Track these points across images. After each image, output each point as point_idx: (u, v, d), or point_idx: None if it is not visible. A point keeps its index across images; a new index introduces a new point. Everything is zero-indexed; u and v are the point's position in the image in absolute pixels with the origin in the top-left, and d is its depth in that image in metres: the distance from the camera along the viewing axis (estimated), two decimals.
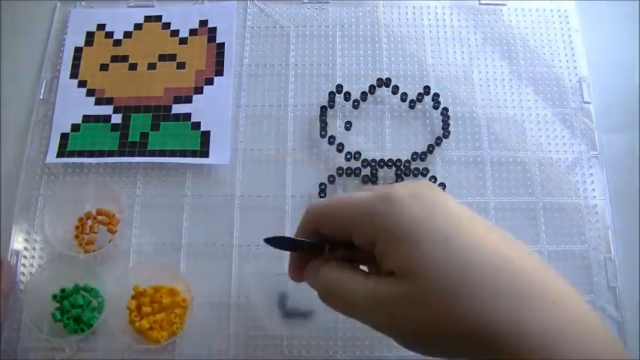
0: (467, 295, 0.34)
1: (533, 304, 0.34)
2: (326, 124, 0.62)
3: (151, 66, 0.65)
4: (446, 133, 0.61)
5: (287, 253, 0.57)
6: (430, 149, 0.60)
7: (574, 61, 0.65)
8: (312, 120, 0.62)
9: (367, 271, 0.40)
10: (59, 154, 0.61)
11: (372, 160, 0.60)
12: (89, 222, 0.58)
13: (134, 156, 0.61)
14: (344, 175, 0.60)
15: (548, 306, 0.34)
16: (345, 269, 0.39)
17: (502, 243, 0.36)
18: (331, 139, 0.61)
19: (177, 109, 0.63)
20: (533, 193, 0.59)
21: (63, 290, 0.55)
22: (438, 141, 0.61)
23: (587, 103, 0.63)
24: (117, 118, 0.63)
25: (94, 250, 0.57)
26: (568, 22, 0.66)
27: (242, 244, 0.58)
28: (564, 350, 0.33)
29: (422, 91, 0.62)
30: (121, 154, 0.61)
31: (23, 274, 0.57)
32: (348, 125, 0.61)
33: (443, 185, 0.59)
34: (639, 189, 0.60)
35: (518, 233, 0.58)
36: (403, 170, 0.59)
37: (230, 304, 0.56)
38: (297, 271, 0.43)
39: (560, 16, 0.66)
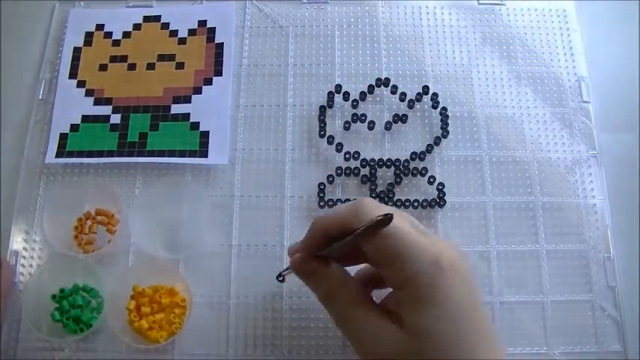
0: None
1: None
2: (325, 123, 0.62)
3: (150, 66, 0.65)
4: (445, 132, 0.61)
5: (287, 252, 0.57)
6: (429, 149, 0.60)
7: (573, 61, 0.65)
8: (311, 120, 0.62)
9: None
10: (58, 155, 0.61)
11: (371, 160, 0.60)
12: (88, 222, 0.58)
13: (133, 156, 0.61)
14: (343, 174, 0.60)
15: None
16: (360, 299, 0.45)
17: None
18: (330, 139, 0.61)
19: (177, 109, 0.63)
20: (532, 193, 0.59)
21: (62, 290, 0.55)
22: (437, 141, 0.61)
23: (586, 102, 0.63)
24: (116, 118, 0.63)
25: (93, 251, 0.57)
26: (567, 22, 0.66)
27: (241, 244, 0.58)
28: None
29: (421, 91, 0.63)
30: (120, 154, 0.61)
31: (22, 274, 0.57)
32: (347, 125, 0.61)
33: (442, 185, 0.59)
34: (638, 188, 0.60)
35: (516, 233, 0.58)
36: (402, 170, 0.59)
37: (229, 304, 0.56)
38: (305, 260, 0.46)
39: (559, 16, 0.66)
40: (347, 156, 0.60)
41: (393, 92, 0.63)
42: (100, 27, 0.68)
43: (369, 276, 0.49)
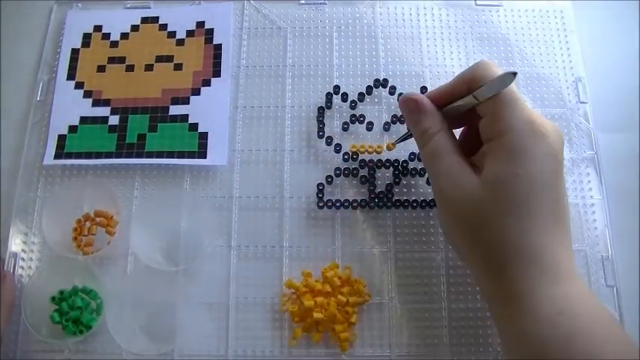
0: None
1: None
2: (323, 124, 0.62)
3: (148, 67, 0.65)
4: None
5: (286, 253, 0.57)
6: None
7: (570, 61, 0.65)
8: (309, 120, 0.62)
9: None
10: (57, 156, 0.61)
11: (369, 161, 0.60)
12: (87, 224, 0.58)
13: (132, 157, 0.60)
14: (342, 175, 0.60)
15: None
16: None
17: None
18: (329, 140, 0.61)
19: (175, 110, 0.63)
20: None
21: (61, 292, 0.55)
22: None
23: (584, 102, 0.63)
24: (114, 120, 0.63)
25: (92, 252, 0.57)
26: (564, 22, 0.66)
27: (240, 245, 0.58)
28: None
29: (419, 92, 0.63)
30: (118, 155, 0.61)
31: (22, 276, 0.57)
32: (345, 126, 0.61)
33: None
34: (638, 188, 0.60)
35: None
36: (401, 170, 0.59)
37: (229, 305, 0.56)
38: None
39: (556, 17, 0.67)
40: (346, 157, 0.60)
41: (392, 93, 0.63)
42: (97, 28, 0.67)
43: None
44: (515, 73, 0.42)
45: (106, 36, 0.67)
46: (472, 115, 0.49)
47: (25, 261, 0.58)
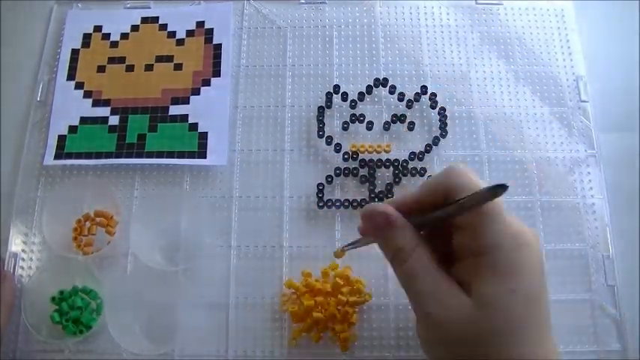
0: None
1: None
2: (323, 124, 0.62)
3: (148, 67, 0.65)
4: (443, 132, 0.61)
5: (286, 253, 0.57)
6: (428, 149, 0.60)
7: (571, 60, 0.65)
8: (309, 120, 0.62)
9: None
10: (57, 156, 0.61)
11: (369, 160, 0.60)
12: (87, 224, 0.58)
13: (132, 157, 0.60)
14: (342, 175, 0.60)
15: None
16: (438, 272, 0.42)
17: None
18: (329, 139, 0.61)
19: (175, 110, 0.63)
20: (531, 192, 0.59)
21: (61, 292, 0.55)
22: (436, 140, 0.61)
23: (585, 101, 0.63)
24: (114, 120, 0.63)
25: (92, 252, 0.57)
26: (565, 21, 0.66)
27: (240, 245, 0.58)
28: None
29: (419, 91, 0.62)
30: (118, 155, 0.61)
31: (22, 276, 0.57)
32: (345, 125, 0.61)
33: None
34: (638, 187, 0.60)
35: None
36: (401, 170, 0.59)
37: (229, 305, 0.56)
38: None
39: (556, 15, 0.66)
40: (346, 156, 0.60)
41: (392, 92, 0.63)
42: (97, 28, 0.68)
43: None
44: (507, 186, 0.36)
45: (106, 36, 0.67)
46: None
47: (25, 261, 0.58)
